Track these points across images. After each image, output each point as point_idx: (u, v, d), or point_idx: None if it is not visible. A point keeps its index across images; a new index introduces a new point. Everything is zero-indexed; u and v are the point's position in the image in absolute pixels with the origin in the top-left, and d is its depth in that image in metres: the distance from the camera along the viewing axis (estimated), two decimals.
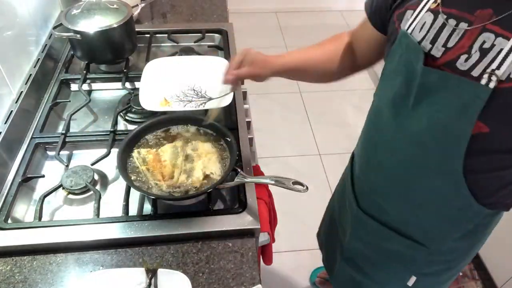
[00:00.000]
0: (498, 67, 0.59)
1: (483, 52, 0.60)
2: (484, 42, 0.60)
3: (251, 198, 0.93)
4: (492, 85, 0.59)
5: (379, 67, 0.88)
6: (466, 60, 0.62)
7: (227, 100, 1.08)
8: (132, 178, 0.90)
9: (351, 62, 0.95)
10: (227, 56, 1.34)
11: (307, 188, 0.81)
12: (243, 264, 0.83)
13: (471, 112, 0.63)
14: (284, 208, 2.02)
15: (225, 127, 0.99)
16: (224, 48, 1.39)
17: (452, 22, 0.64)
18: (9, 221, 0.88)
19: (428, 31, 0.67)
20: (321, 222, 1.36)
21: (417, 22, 0.69)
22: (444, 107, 0.66)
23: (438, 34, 0.66)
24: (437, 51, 0.66)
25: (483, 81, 0.60)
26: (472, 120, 0.63)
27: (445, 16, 0.65)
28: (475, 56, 0.61)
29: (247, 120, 1.14)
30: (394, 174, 0.82)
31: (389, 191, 0.85)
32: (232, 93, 1.10)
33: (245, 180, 0.88)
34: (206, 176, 0.91)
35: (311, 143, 2.49)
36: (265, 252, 1.08)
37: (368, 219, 0.94)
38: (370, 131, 0.89)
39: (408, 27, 0.70)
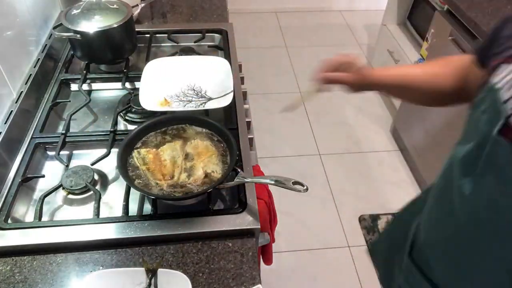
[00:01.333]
0: None
1: None
2: None
3: (251, 198, 0.93)
4: None
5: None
6: None
7: (227, 100, 1.08)
8: (133, 177, 0.90)
9: (460, 88, 0.82)
10: (227, 56, 1.34)
11: (307, 188, 0.80)
12: (243, 264, 0.83)
13: None
14: (284, 208, 2.03)
15: (225, 127, 0.99)
16: (224, 48, 1.39)
17: None
18: (9, 221, 0.88)
19: None
20: (379, 239, 1.19)
21: (510, 78, 0.57)
22: (507, 186, 0.55)
23: None
24: None
25: None
26: None
27: None
28: None
29: (247, 120, 1.14)
30: (446, 236, 0.71)
31: (444, 258, 0.75)
32: (232, 93, 1.10)
33: (245, 180, 0.88)
34: (207, 175, 0.91)
35: (311, 143, 2.49)
36: (265, 252, 1.08)
37: (415, 271, 0.83)
38: (441, 180, 0.77)
39: (500, 81, 0.59)
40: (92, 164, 0.99)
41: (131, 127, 1.14)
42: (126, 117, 1.16)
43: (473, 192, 0.62)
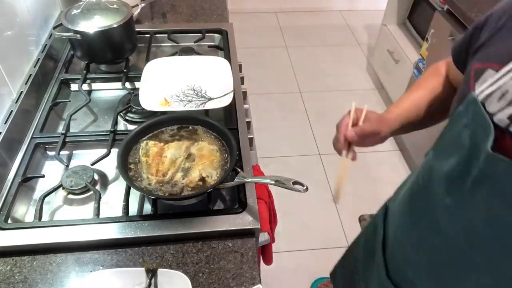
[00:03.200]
0: None
1: None
2: None
3: (251, 198, 0.93)
4: None
5: (380, 68, 0.86)
6: None
7: (227, 100, 1.08)
8: (130, 167, 0.91)
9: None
10: (227, 56, 1.34)
11: (307, 188, 0.80)
12: (243, 264, 0.83)
13: None
14: (284, 208, 2.03)
15: (225, 127, 0.99)
16: (224, 48, 1.39)
17: None
18: (9, 221, 0.88)
19: (509, 103, 0.52)
20: (339, 264, 1.18)
21: (496, 88, 0.54)
22: (508, 202, 0.53)
23: None
24: None
25: None
26: None
27: None
28: None
29: (247, 120, 1.14)
30: (434, 257, 0.68)
31: (426, 274, 0.72)
32: (232, 93, 1.10)
33: (245, 180, 0.88)
34: (202, 179, 0.90)
35: (311, 143, 2.49)
36: (265, 252, 1.08)
37: None
38: (414, 198, 0.74)
39: (483, 91, 0.55)
40: (92, 164, 0.99)
41: (131, 127, 1.14)
42: (126, 117, 1.16)
43: (465, 208, 0.59)
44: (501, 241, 0.56)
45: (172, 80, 1.17)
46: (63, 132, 1.06)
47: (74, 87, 1.27)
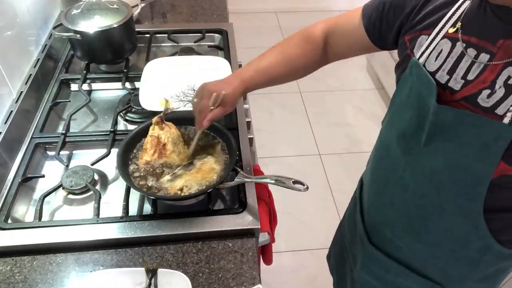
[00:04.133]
0: None
1: (509, 88, 0.54)
2: (509, 77, 0.54)
3: (251, 198, 0.93)
4: None
5: (380, 68, 0.86)
6: (489, 96, 0.56)
7: None
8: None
9: (320, 61, 0.89)
10: (227, 56, 1.34)
11: (307, 187, 0.80)
12: (243, 264, 0.83)
13: (493, 153, 0.57)
14: (284, 208, 2.03)
15: (225, 127, 0.99)
16: (224, 48, 1.39)
17: (471, 52, 0.58)
18: (9, 221, 0.88)
19: (445, 60, 0.61)
20: (331, 244, 1.26)
21: (432, 49, 0.62)
22: (461, 147, 0.60)
23: (457, 65, 0.59)
24: (456, 83, 0.60)
25: (506, 120, 0.54)
26: (495, 161, 0.57)
27: (464, 45, 0.59)
28: (500, 92, 0.55)
29: (247, 120, 1.14)
30: (407, 211, 0.75)
31: (402, 229, 0.79)
32: None
33: (245, 180, 0.88)
34: (181, 189, 0.88)
35: (311, 143, 2.49)
36: (265, 252, 1.08)
37: (380, 255, 0.87)
38: (379, 163, 0.82)
39: (421, 55, 0.63)
40: (92, 164, 0.99)
41: (131, 127, 1.14)
42: (126, 117, 1.16)
43: (424, 161, 0.66)
44: (460, 182, 0.63)
45: (172, 80, 1.17)
46: (63, 132, 1.06)
47: (74, 87, 1.27)
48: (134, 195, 0.93)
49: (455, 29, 0.60)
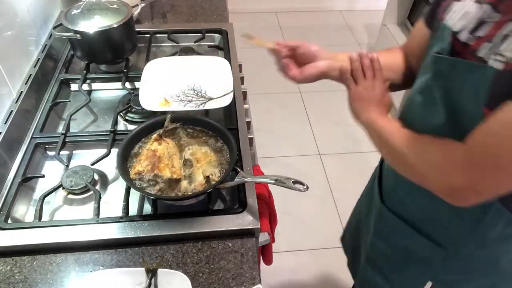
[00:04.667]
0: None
1: (503, 39, 0.60)
2: (509, 32, 0.59)
3: (251, 198, 0.93)
4: (498, 65, 0.58)
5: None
6: (486, 47, 0.62)
7: (227, 100, 1.08)
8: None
9: (409, 74, 0.92)
10: (227, 56, 1.34)
11: (307, 187, 0.80)
12: (243, 264, 0.83)
13: (481, 96, 0.61)
14: (284, 208, 2.03)
15: (225, 127, 0.99)
16: (224, 48, 1.39)
17: (490, 12, 0.64)
18: (9, 221, 0.88)
19: (467, 21, 0.67)
20: (346, 225, 1.33)
21: (459, 11, 0.68)
22: (458, 95, 0.66)
23: (478, 24, 0.65)
24: (470, 40, 0.65)
25: (490, 62, 0.60)
26: (483, 103, 0.62)
27: (485, 6, 0.65)
28: (495, 43, 0.61)
29: (247, 120, 1.14)
30: None
31: (414, 185, 0.80)
32: (232, 93, 1.10)
33: (245, 179, 0.88)
34: (207, 178, 0.90)
35: (311, 143, 2.49)
36: (265, 252, 1.08)
37: (390, 215, 0.94)
38: (402, 120, 0.85)
39: (451, 17, 0.70)
40: (92, 164, 0.99)
41: (131, 127, 1.14)
42: (126, 117, 1.16)
43: (433, 118, 0.72)
44: (460, 134, 0.66)
45: (172, 80, 1.17)
46: (63, 132, 1.06)
47: (74, 87, 1.27)
48: (134, 195, 0.93)
49: None
